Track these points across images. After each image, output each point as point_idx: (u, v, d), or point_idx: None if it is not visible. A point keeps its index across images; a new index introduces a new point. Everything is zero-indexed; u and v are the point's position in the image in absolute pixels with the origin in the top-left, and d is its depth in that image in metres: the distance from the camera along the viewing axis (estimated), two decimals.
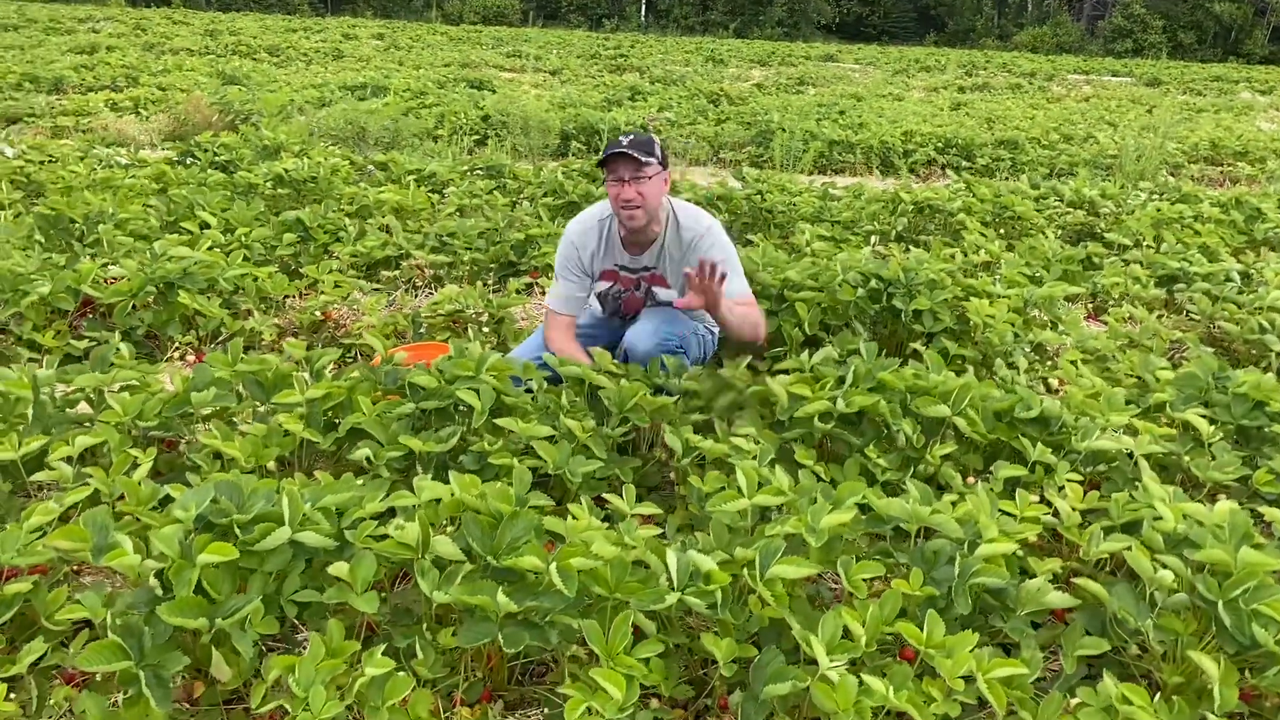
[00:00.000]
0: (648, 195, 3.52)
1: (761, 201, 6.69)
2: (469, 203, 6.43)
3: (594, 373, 3.23)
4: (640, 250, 3.71)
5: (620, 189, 3.52)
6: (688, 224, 3.65)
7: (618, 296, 3.80)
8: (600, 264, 3.76)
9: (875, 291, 4.41)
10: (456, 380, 3.07)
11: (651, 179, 3.50)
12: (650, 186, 3.51)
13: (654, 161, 3.49)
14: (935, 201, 6.74)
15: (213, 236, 4.92)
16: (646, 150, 3.48)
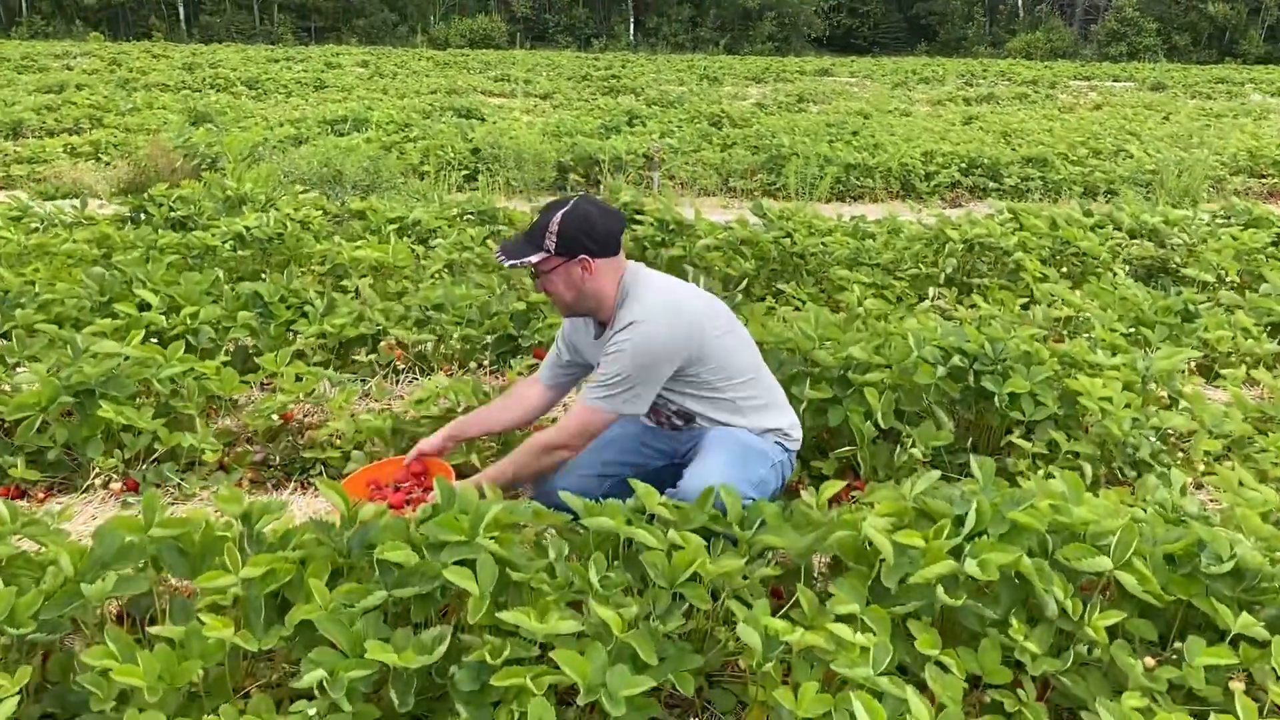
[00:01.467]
0: (551, 291, 2.90)
1: (792, 245, 5.88)
2: (458, 257, 5.61)
3: (628, 525, 2.40)
4: (599, 334, 3.03)
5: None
6: (623, 315, 2.89)
7: None
8: (584, 344, 3.10)
9: (958, 370, 3.59)
10: (444, 549, 2.25)
11: (546, 274, 2.85)
12: (550, 283, 2.87)
13: (536, 258, 2.81)
14: (987, 238, 5.93)
15: (153, 319, 4.10)
16: (532, 241, 2.82)
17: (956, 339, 3.67)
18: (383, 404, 3.94)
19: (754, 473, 2.85)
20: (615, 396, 2.83)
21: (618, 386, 2.82)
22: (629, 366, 2.81)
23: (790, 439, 3.04)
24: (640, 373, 2.82)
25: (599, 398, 2.84)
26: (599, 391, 2.84)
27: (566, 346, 3.14)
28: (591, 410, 2.86)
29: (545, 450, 2.91)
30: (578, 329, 3.10)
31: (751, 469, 2.84)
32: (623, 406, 2.85)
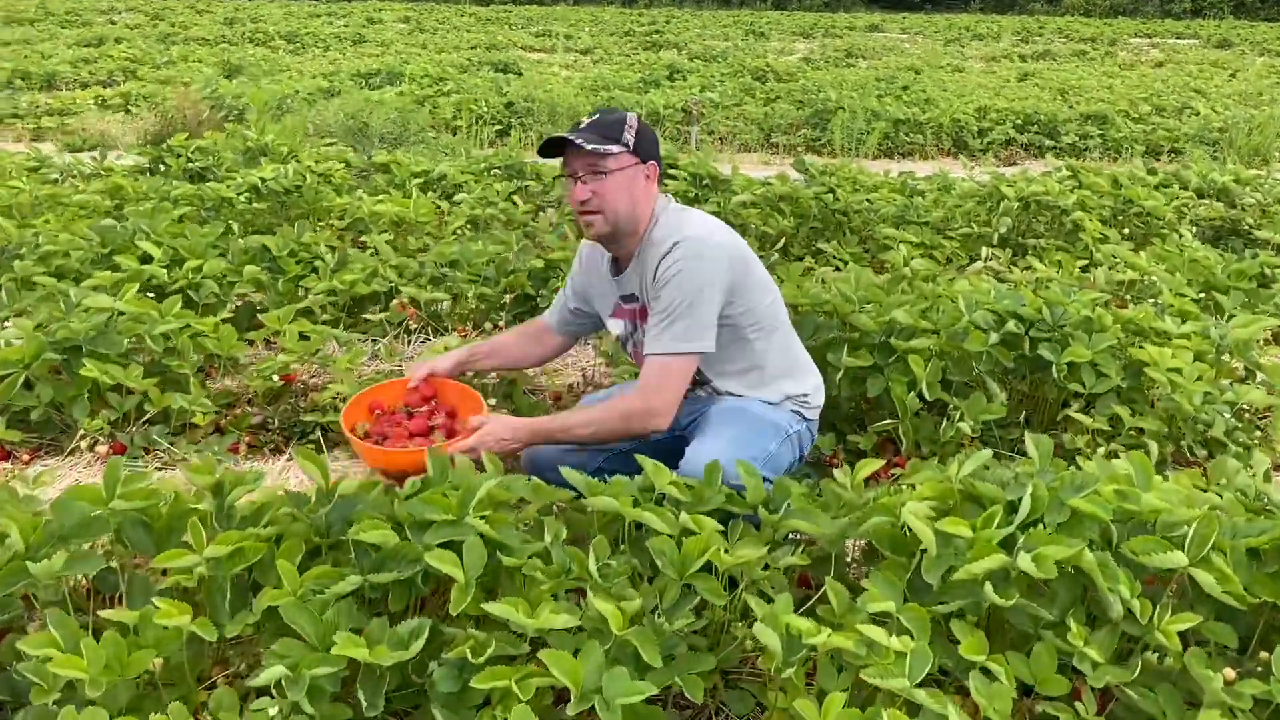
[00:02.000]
0: (608, 196, 2.48)
1: (834, 201, 5.55)
2: (482, 212, 5.35)
3: (634, 507, 2.14)
4: (618, 270, 2.70)
5: (571, 191, 2.53)
6: (659, 236, 2.55)
7: (635, 342, 2.75)
8: (597, 289, 2.80)
9: (1012, 336, 3.28)
10: (429, 529, 2.01)
11: (613, 174, 2.47)
12: (612, 184, 2.48)
13: (616, 150, 2.45)
14: (1044, 196, 5.56)
15: (154, 273, 3.89)
16: (606, 134, 2.46)
17: (1011, 302, 3.35)
18: (392, 365, 3.71)
19: (763, 447, 2.57)
20: (681, 329, 2.46)
21: (681, 316, 2.45)
22: (687, 286, 2.44)
23: (810, 405, 2.76)
24: (699, 294, 2.46)
25: (667, 340, 2.48)
26: (662, 334, 2.48)
27: (575, 293, 2.85)
28: (663, 363, 2.49)
29: (628, 417, 2.50)
30: (590, 270, 2.80)
31: (761, 443, 2.56)
32: (694, 341, 2.49)
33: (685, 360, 2.51)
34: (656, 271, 2.50)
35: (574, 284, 2.86)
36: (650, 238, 2.55)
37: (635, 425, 2.50)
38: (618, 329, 2.77)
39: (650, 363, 2.50)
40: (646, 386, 2.51)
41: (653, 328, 2.51)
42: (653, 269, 2.51)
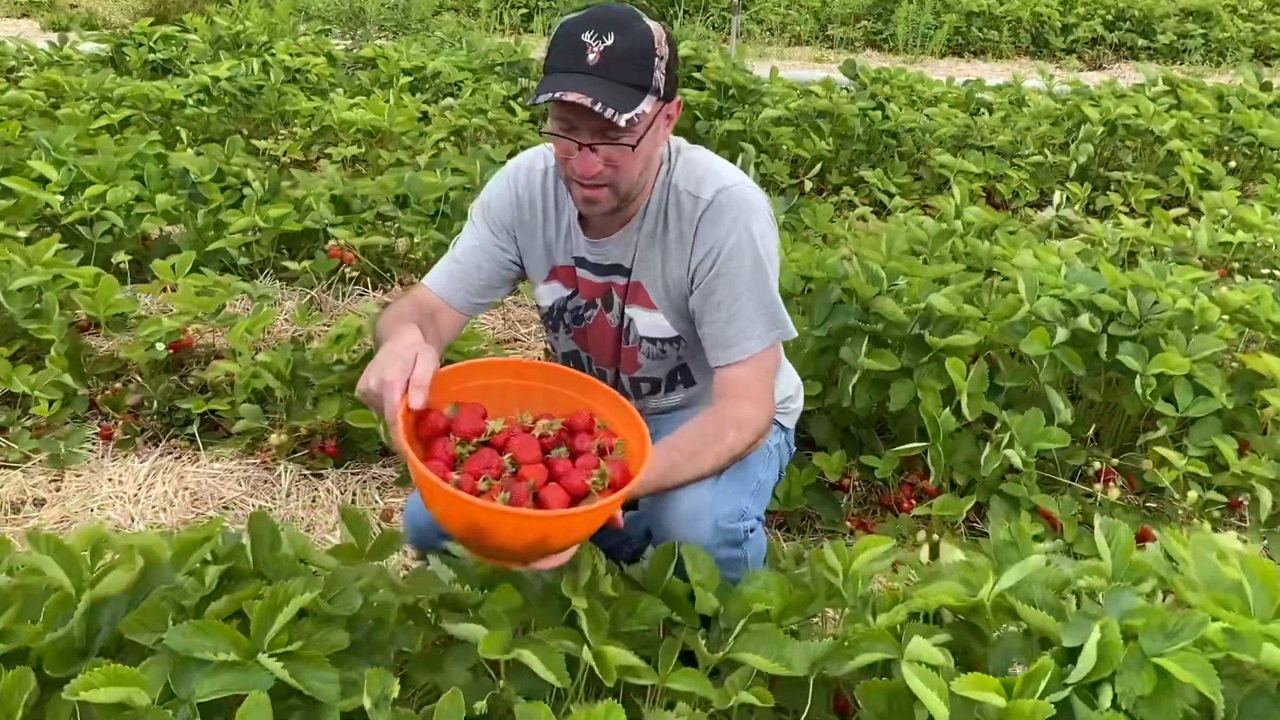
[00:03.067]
0: (628, 167, 1.66)
1: (883, 120, 4.70)
2: (469, 122, 4.60)
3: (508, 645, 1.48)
4: (601, 233, 1.84)
5: (571, 154, 1.65)
6: (685, 187, 1.76)
7: (578, 319, 1.95)
8: (537, 240, 1.89)
9: (1086, 335, 2.52)
10: (199, 674, 1.38)
11: (641, 141, 1.64)
12: (638, 150, 1.65)
13: (645, 107, 1.60)
14: (1135, 120, 4.65)
15: (48, 200, 3.24)
16: (630, 77, 1.60)
17: (1087, 288, 2.57)
18: (320, 325, 3.06)
19: (753, 477, 1.86)
20: (771, 311, 1.75)
21: (762, 290, 1.74)
22: (757, 252, 1.73)
23: (790, 411, 2.05)
24: (770, 261, 1.76)
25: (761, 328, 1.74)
26: (752, 322, 1.73)
27: (495, 241, 1.86)
28: (761, 362, 1.76)
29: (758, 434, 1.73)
30: (531, 209, 1.86)
31: (748, 476, 1.85)
32: (784, 324, 1.78)
33: (776, 352, 1.84)
34: (697, 236, 1.75)
35: (494, 227, 1.87)
36: (672, 193, 1.78)
37: (749, 436, 1.74)
38: (549, 296, 1.93)
39: (749, 364, 1.75)
40: (753, 390, 1.76)
41: (724, 315, 1.74)
42: (690, 235, 1.75)
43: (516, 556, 1.46)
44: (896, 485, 2.55)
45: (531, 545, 1.42)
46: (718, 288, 1.74)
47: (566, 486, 1.47)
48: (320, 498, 2.47)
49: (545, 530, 1.41)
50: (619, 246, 1.83)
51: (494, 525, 1.37)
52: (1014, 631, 1.63)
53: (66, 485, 2.45)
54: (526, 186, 1.87)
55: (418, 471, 1.37)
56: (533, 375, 1.66)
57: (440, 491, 1.36)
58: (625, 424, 1.58)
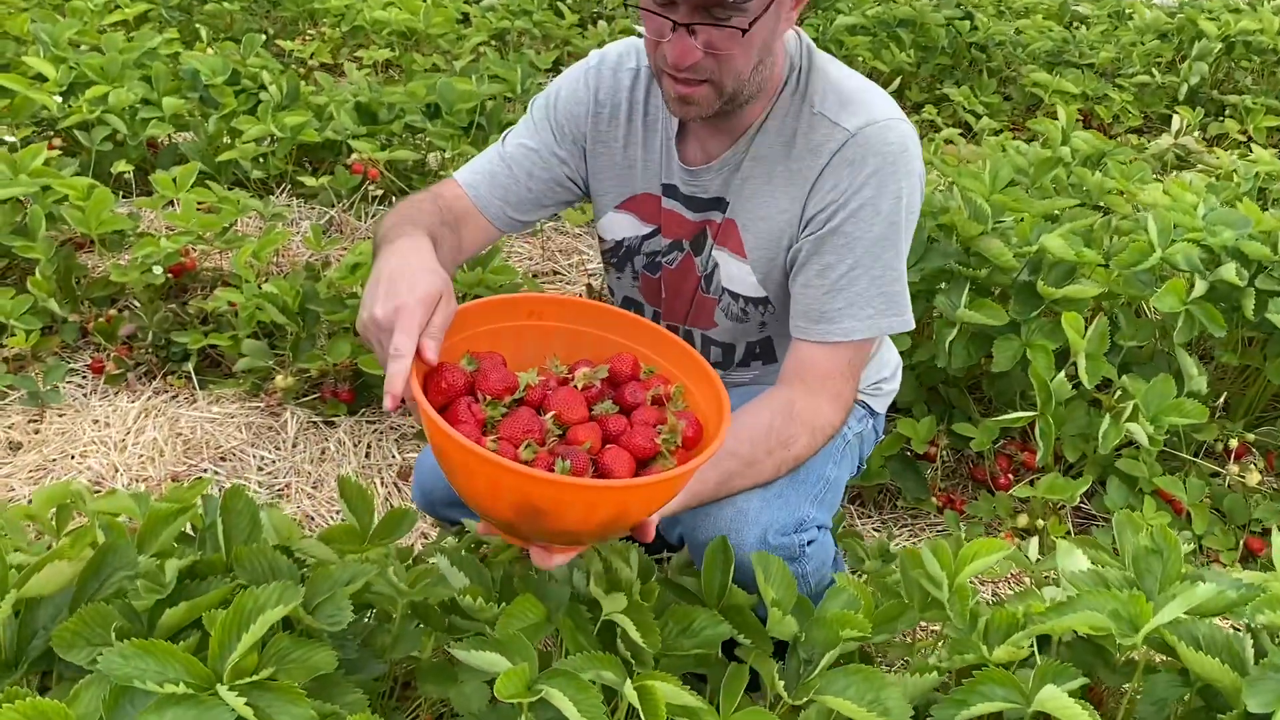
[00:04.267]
0: (737, 58, 1.27)
1: (971, 31, 4.23)
2: (511, 24, 4.20)
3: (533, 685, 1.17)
4: (705, 155, 1.45)
5: (663, 35, 1.26)
6: (826, 111, 1.36)
7: (653, 265, 1.57)
8: (620, 163, 1.51)
9: (1224, 289, 2.12)
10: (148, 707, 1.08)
11: (755, 25, 1.24)
12: (743, 42, 1.25)
13: None
14: (1258, 37, 4.14)
15: (44, 101, 2.93)
16: None
17: (1233, 231, 2.17)
18: (338, 250, 2.75)
19: (820, 476, 1.50)
20: (891, 291, 1.38)
21: (887, 266, 1.37)
22: (891, 215, 1.35)
23: (883, 393, 1.69)
24: (904, 230, 1.38)
25: (871, 307, 1.37)
26: (863, 299, 1.36)
27: (555, 147, 1.49)
28: (858, 346, 1.39)
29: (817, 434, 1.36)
30: (609, 133, 1.49)
31: (811, 477, 1.48)
32: (903, 309, 1.40)
33: (877, 342, 1.51)
34: (823, 174, 1.35)
35: (558, 132, 1.49)
36: (805, 111, 1.37)
37: (821, 443, 1.39)
38: (618, 230, 1.56)
39: (842, 350, 1.39)
40: (837, 384, 1.39)
41: (830, 281, 1.37)
42: (815, 170, 1.36)
43: (569, 538, 1.13)
44: (992, 457, 2.20)
45: (601, 527, 1.09)
46: (832, 246, 1.35)
47: (630, 448, 1.13)
48: (330, 450, 2.18)
49: (623, 505, 1.07)
50: (722, 173, 1.44)
51: (560, 505, 1.03)
52: (1165, 675, 1.31)
53: (47, 427, 2.18)
54: (611, 88, 1.48)
55: (449, 440, 1.02)
56: (551, 313, 1.29)
57: (485, 465, 1.01)
58: (680, 364, 1.24)
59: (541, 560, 1.14)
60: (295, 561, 1.33)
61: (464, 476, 1.08)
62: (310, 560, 1.37)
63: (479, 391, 1.16)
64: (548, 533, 1.09)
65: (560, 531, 1.08)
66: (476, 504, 1.11)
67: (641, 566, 1.34)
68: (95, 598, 1.25)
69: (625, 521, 1.11)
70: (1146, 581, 1.39)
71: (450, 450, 1.05)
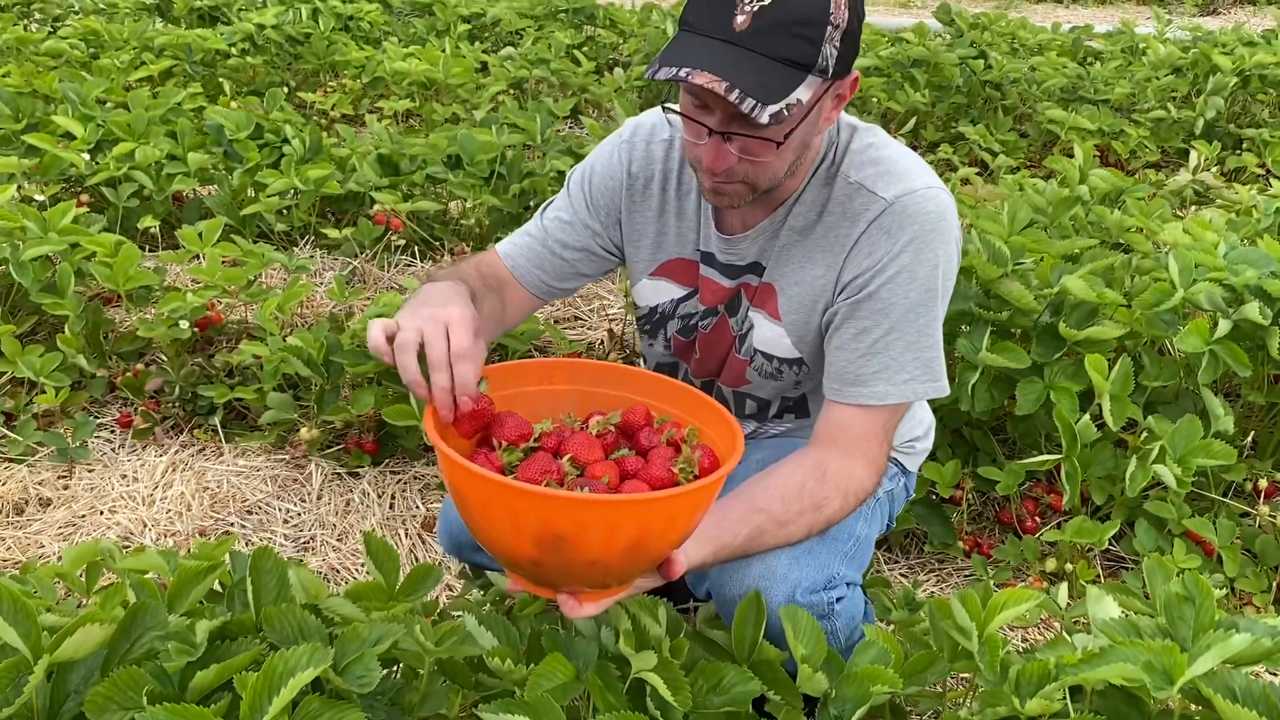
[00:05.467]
0: (771, 166, 1.30)
1: (985, 70, 4.25)
2: (529, 73, 4.26)
3: None
4: (742, 224, 1.47)
5: (701, 138, 1.28)
6: (864, 181, 1.37)
7: (687, 328, 1.59)
8: (654, 230, 1.53)
9: (1248, 328, 2.11)
10: None
11: (792, 135, 1.26)
12: (779, 152, 1.27)
13: (804, 94, 1.21)
14: (1273, 71, 4.14)
15: (72, 160, 2.98)
16: (791, 53, 1.20)
17: (1255, 270, 2.16)
18: (345, 307, 2.77)
19: (849, 534, 1.48)
20: (926, 357, 1.39)
21: (921, 333, 1.37)
22: (927, 282, 1.35)
23: (916, 452, 1.70)
24: (940, 297, 1.38)
25: (905, 373, 1.37)
26: (898, 364, 1.37)
27: (588, 217, 1.52)
28: (893, 410, 1.40)
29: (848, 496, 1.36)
30: (644, 202, 1.51)
31: (843, 535, 1.46)
32: (938, 375, 1.41)
33: (910, 406, 1.49)
34: (860, 242, 1.37)
35: (593, 204, 1.53)
36: (840, 183, 1.38)
37: (854, 506, 1.40)
38: (654, 295, 1.58)
39: (876, 414, 1.39)
40: (871, 447, 1.40)
41: (865, 345, 1.38)
42: (852, 238, 1.37)
43: (599, 577, 1.13)
44: (1018, 500, 2.18)
45: (626, 554, 1.09)
46: (868, 311, 1.36)
47: (649, 480, 1.15)
48: (355, 501, 2.19)
49: (644, 524, 1.07)
50: (758, 241, 1.46)
51: (582, 528, 1.04)
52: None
53: (76, 482, 2.20)
54: (644, 159, 1.51)
55: (466, 472, 1.04)
56: (561, 376, 1.33)
57: (503, 493, 1.04)
58: (692, 410, 1.26)
59: (571, 609, 1.14)
60: (323, 620, 1.33)
61: (483, 514, 1.10)
62: (338, 619, 1.38)
63: (496, 439, 1.19)
64: (575, 567, 1.10)
65: (586, 563, 1.08)
66: (498, 546, 1.12)
67: (670, 622, 1.33)
68: (127, 658, 1.26)
69: (650, 548, 1.11)
70: (1179, 630, 1.37)
71: (467, 488, 1.08)
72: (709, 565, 1.28)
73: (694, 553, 1.22)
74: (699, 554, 1.23)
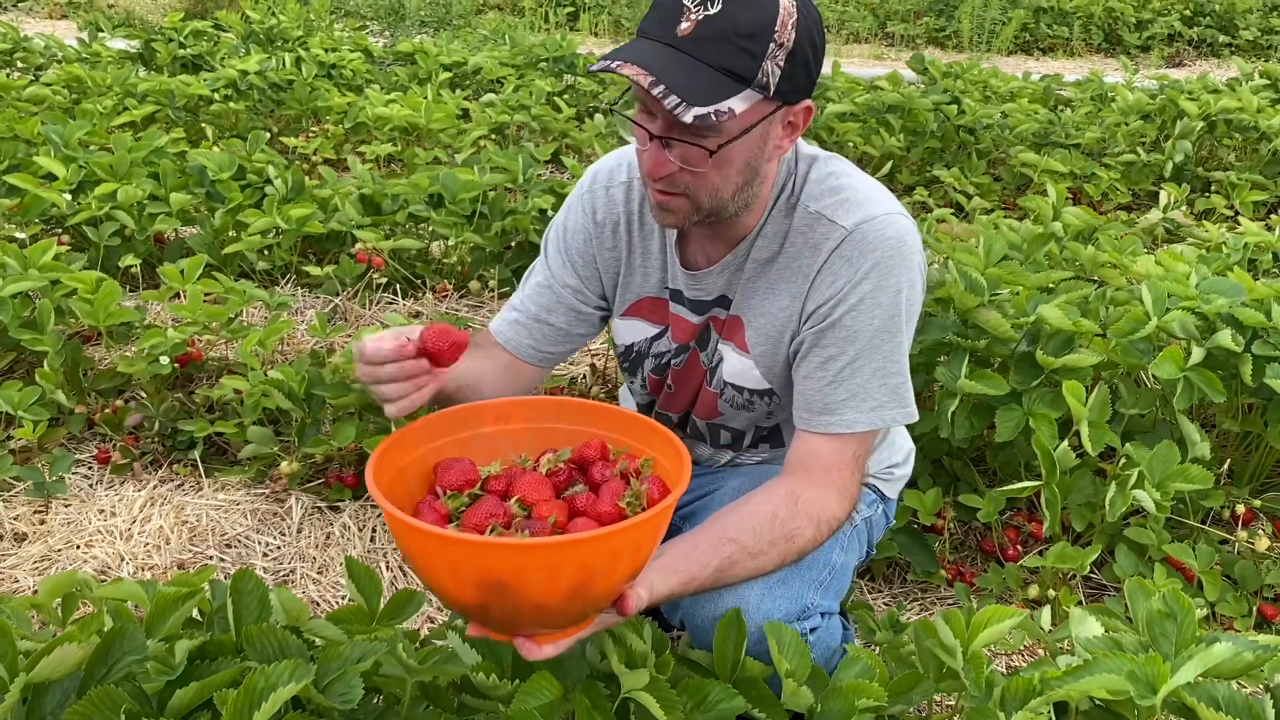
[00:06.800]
0: (709, 178, 1.30)
1: (959, 115, 4.33)
2: (510, 119, 4.31)
3: None
4: (706, 259, 1.49)
5: (644, 147, 1.31)
6: (824, 210, 1.39)
7: (660, 367, 1.61)
8: (624, 271, 1.56)
9: (1222, 356, 2.15)
10: None
11: (727, 148, 1.27)
12: (723, 160, 1.28)
13: (739, 105, 1.22)
14: (1238, 115, 4.24)
15: (54, 199, 2.99)
16: (730, 63, 1.21)
17: (1226, 299, 2.20)
18: (342, 336, 2.77)
19: (820, 568, 1.47)
20: (892, 383, 1.39)
21: (887, 359, 1.38)
22: (890, 308, 1.36)
23: (895, 479, 1.72)
24: (905, 322, 1.40)
25: (873, 399, 1.38)
26: (865, 390, 1.38)
27: (568, 276, 1.55)
28: (863, 437, 1.41)
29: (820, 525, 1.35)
30: (614, 246, 1.53)
31: (817, 563, 1.46)
32: (906, 401, 1.42)
33: (880, 433, 1.49)
34: (822, 271, 1.38)
35: (572, 260, 1.55)
36: (800, 214, 1.41)
37: (826, 536, 1.39)
38: (631, 335, 1.60)
39: (846, 441, 1.40)
40: (842, 476, 1.40)
41: (832, 374, 1.39)
42: (814, 267, 1.38)
43: (548, 619, 1.12)
44: (1000, 529, 2.19)
45: (571, 595, 1.08)
46: (833, 339, 1.37)
47: (595, 516, 1.15)
48: (335, 535, 2.17)
49: (584, 563, 1.05)
50: (723, 275, 1.48)
51: (521, 573, 1.03)
52: None
53: (53, 517, 2.17)
54: (606, 205, 1.53)
55: (402, 524, 1.05)
56: (518, 416, 1.33)
57: (439, 543, 1.05)
58: (646, 440, 1.26)
59: (529, 652, 1.13)
60: (304, 642, 1.32)
61: (423, 563, 1.10)
62: (319, 641, 1.37)
63: (440, 487, 1.19)
64: (521, 611, 1.09)
65: (532, 606, 1.07)
66: (445, 595, 1.12)
67: (655, 639, 1.33)
68: (103, 682, 1.24)
69: (595, 587, 1.09)
70: (1161, 645, 1.38)
71: (405, 538, 1.08)
72: (677, 597, 1.27)
73: (660, 584, 1.21)
74: (665, 585, 1.23)
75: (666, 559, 1.23)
